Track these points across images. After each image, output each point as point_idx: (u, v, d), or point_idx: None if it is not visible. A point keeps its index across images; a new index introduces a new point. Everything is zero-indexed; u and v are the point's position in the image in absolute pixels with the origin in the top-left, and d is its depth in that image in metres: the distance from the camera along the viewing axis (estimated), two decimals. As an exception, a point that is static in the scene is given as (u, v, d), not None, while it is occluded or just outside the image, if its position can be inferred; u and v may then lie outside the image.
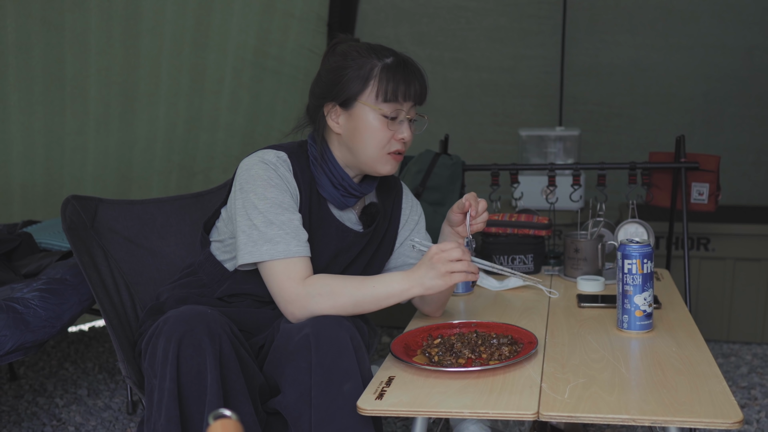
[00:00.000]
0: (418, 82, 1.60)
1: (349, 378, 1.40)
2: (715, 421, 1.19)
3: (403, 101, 1.58)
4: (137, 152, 3.33)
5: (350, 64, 1.57)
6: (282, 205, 1.55)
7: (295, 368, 1.44)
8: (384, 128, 1.57)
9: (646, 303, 1.61)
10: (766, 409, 2.48)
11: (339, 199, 1.65)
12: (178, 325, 1.38)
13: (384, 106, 1.56)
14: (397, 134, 1.59)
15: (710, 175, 2.44)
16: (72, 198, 1.83)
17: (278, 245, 1.51)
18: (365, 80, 1.56)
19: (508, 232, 2.28)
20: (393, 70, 1.57)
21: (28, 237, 2.51)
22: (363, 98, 1.56)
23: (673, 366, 1.42)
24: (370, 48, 1.61)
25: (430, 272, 1.48)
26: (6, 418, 2.51)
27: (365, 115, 1.57)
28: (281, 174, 1.58)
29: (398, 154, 1.62)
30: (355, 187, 1.65)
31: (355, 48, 1.60)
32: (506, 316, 1.80)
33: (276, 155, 1.60)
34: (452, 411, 1.27)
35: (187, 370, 1.36)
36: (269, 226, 1.52)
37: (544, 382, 1.36)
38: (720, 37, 3.46)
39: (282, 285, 1.52)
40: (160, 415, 1.36)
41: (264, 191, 1.54)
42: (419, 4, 3.72)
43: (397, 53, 1.62)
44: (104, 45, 3.05)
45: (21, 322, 1.91)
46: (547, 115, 3.68)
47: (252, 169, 1.57)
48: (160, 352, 1.38)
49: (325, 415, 1.39)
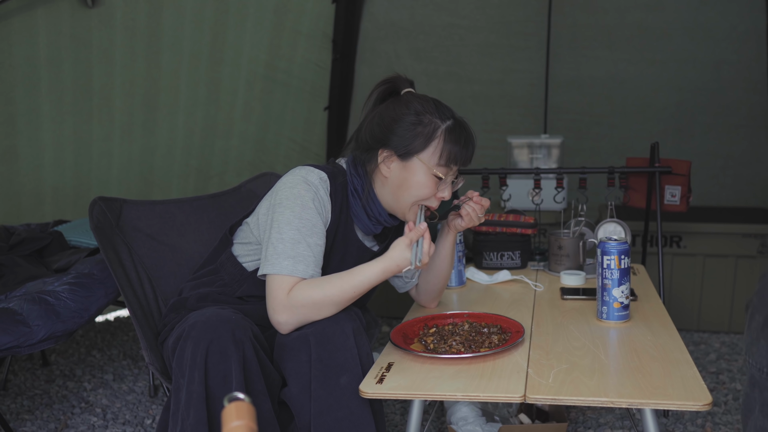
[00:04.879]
0: (471, 152, 1.56)
1: (345, 371, 1.40)
2: (686, 403, 1.19)
3: (459, 165, 1.56)
4: (158, 157, 3.33)
5: (417, 120, 1.52)
6: (314, 228, 1.51)
7: (297, 362, 1.44)
8: (432, 186, 1.54)
9: (624, 295, 1.61)
10: (733, 392, 2.48)
11: (369, 227, 1.63)
12: (206, 332, 1.37)
13: (439, 168, 1.53)
14: (439, 194, 1.57)
15: (682, 178, 2.44)
16: (99, 199, 1.83)
17: (299, 264, 1.47)
18: (428, 139, 1.52)
19: (497, 231, 2.28)
20: (455, 135, 1.53)
21: (59, 235, 2.51)
22: (422, 156, 1.52)
23: (648, 353, 1.42)
24: (435, 105, 1.55)
25: (401, 249, 1.45)
26: (39, 401, 2.51)
27: (419, 171, 1.53)
28: (320, 197, 1.54)
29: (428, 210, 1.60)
30: (387, 220, 1.63)
31: (421, 102, 1.54)
32: (496, 307, 1.80)
33: (319, 177, 1.56)
34: (446, 394, 1.27)
35: (214, 374, 1.36)
36: (298, 244, 1.48)
37: (530, 367, 1.36)
38: (691, 53, 3.46)
39: (275, 295, 1.47)
40: (189, 414, 1.36)
41: (302, 211, 1.51)
42: (416, 22, 3.72)
43: (455, 115, 1.57)
44: (128, 60, 3.05)
45: (52, 312, 1.91)
46: (533, 124, 3.68)
47: (295, 187, 1.53)
48: (188, 355, 1.38)
49: (323, 406, 1.39)
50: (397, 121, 1.53)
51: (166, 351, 1.59)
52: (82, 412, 2.41)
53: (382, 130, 1.55)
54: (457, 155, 1.53)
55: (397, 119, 1.53)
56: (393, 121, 1.54)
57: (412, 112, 1.53)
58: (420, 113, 1.53)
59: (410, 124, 1.52)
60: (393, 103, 1.58)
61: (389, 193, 1.58)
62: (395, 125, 1.53)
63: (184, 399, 1.37)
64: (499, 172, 2.49)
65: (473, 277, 2.11)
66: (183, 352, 1.40)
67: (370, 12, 3.74)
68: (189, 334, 1.40)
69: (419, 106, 1.54)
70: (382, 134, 1.55)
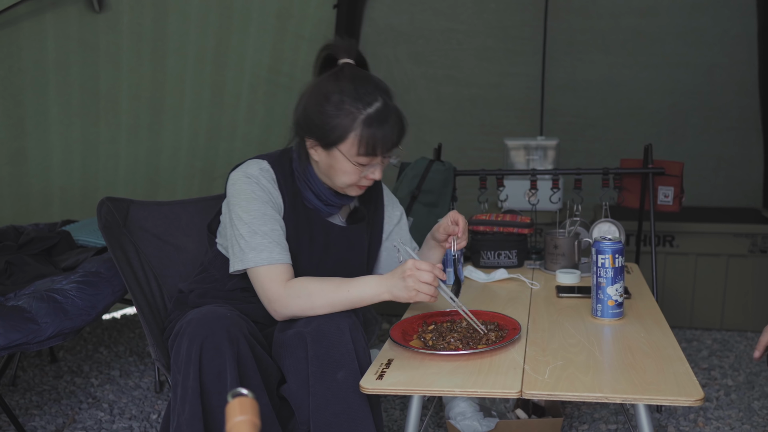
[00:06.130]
0: (397, 133, 1.49)
1: (342, 366, 1.39)
2: (679, 399, 1.19)
3: (381, 154, 1.50)
4: (164, 159, 3.33)
5: (335, 112, 1.46)
6: (265, 216, 1.52)
7: (294, 359, 1.44)
8: (356, 173, 1.51)
9: (618, 293, 1.61)
10: (724, 388, 2.48)
11: (323, 209, 1.62)
12: (200, 329, 1.37)
13: (360, 158, 1.48)
14: (369, 175, 1.54)
15: (675, 179, 2.44)
16: (106, 199, 1.83)
17: (262, 253, 1.49)
18: (346, 131, 1.46)
19: (494, 231, 2.28)
20: (374, 126, 1.45)
21: (67, 234, 2.51)
22: (342, 148, 1.48)
23: (642, 350, 1.42)
24: (357, 90, 1.46)
25: (400, 283, 1.43)
26: (47, 396, 2.51)
27: (341, 161, 1.50)
28: (263, 186, 1.54)
29: (366, 186, 1.58)
30: (334, 200, 1.62)
31: (346, 86, 1.47)
32: (493, 305, 1.80)
33: (259, 167, 1.56)
34: (445, 390, 1.27)
35: (208, 371, 1.36)
36: (254, 236, 1.50)
37: (527, 364, 1.36)
38: (684, 57, 3.46)
39: (266, 287, 1.49)
40: (184, 409, 1.36)
41: (248, 204, 1.52)
42: (415, 27, 3.72)
43: (379, 97, 1.47)
44: (134, 63, 3.05)
45: (60, 310, 1.91)
46: (529, 126, 3.68)
47: (236, 183, 1.55)
48: (184, 351, 1.38)
49: (321, 401, 1.39)
50: (318, 113, 1.48)
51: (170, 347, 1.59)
52: (89, 408, 2.41)
53: (305, 119, 1.51)
54: (378, 144, 1.46)
55: (318, 109, 1.48)
56: (314, 112, 1.49)
57: (333, 102, 1.46)
58: (339, 103, 1.45)
59: (328, 117, 1.46)
60: (323, 81, 1.50)
61: (323, 175, 1.58)
62: (315, 116, 1.48)
63: (180, 394, 1.37)
64: (497, 173, 2.49)
65: (471, 275, 2.11)
66: (179, 348, 1.40)
67: (370, 17, 3.74)
68: (185, 330, 1.40)
69: (340, 93, 1.46)
70: (305, 123, 1.52)
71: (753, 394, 2.42)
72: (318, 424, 1.39)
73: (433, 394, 1.29)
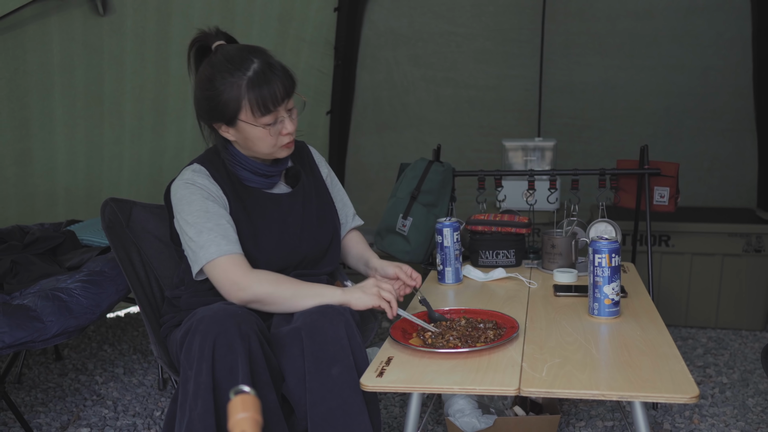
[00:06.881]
0: (282, 84, 1.51)
1: (336, 362, 1.40)
2: (674, 396, 1.19)
3: (276, 107, 1.53)
4: (167, 160, 3.33)
5: (219, 88, 1.50)
6: (207, 213, 1.55)
7: (291, 356, 1.44)
8: (268, 134, 1.55)
9: (614, 292, 1.61)
10: (719, 385, 2.48)
11: (265, 183, 1.66)
12: (213, 326, 1.38)
13: (262, 119, 1.52)
14: (283, 131, 1.57)
15: (670, 180, 2.44)
16: (110, 200, 1.83)
17: (211, 247, 1.52)
18: (237, 101, 1.50)
19: (492, 230, 2.28)
20: (258, 83, 1.49)
21: (72, 234, 2.51)
22: (242, 117, 1.52)
23: (638, 348, 1.42)
24: (230, 62, 1.50)
25: (361, 295, 1.55)
26: (52, 393, 2.51)
27: (249, 129, 1.54)
28: (200, 184, 1.58)
29: (290, 142, 1.60)
30: (270, 170, 1.65)
31: (218, 67, 1.51)
32: (491, 303, 1.80)
33: (191, 171, 1.61)
34: (444, 387, 1.27)
35: (221, 367, 1.36)
36: (200, 234, 1.53)
37: (525, 361, 1.36)
38: (679, 59, 3.46)
39: (221, 276, 1.52)
40: (197, 404, 1.36)
41: (189, 207, 1.56)
42: (415, 30, 3.72)
43: (257, 60, 1.51)
44: (138, 66, 3.05)
45: (65, 309, 1.91)
46: (527, 127, 3.68)
47: (177, 193, 1.60)
48: (196, 348, 1.38)
49: (317, 397, 1.39)
50: (207, 98, 1.53)
51: (172, 345, 1.59)
52: (93, 405, 2.41)
53: (201, 108, 1.57)
54: (269, 99, 1.50)
55: (207, 95, 1.52)
56: (204, 98, 1.54)
57: (215, 82, 1.50)
58: (220, 80, 1.49)
59: (217, 96, 1.51)
60: (202, 69, 1.55)
61: (246, 150, 1.61)
62: (207, 102, 1.53)
63: (192, 390, 1.37)
64: (495, 174, 2.49)
65: (469, 274, 2.11)
66: (191, 345, 1.40)
67: (370, 20, 3.74)
68: (197, 328, 1.40)
69: (219, 71, 1.50)
70: (204, 112, 1.57)
71: (747, 391, 2.43)
72: (314, 420, 1.39)
73: (432, 391, 1.29)
